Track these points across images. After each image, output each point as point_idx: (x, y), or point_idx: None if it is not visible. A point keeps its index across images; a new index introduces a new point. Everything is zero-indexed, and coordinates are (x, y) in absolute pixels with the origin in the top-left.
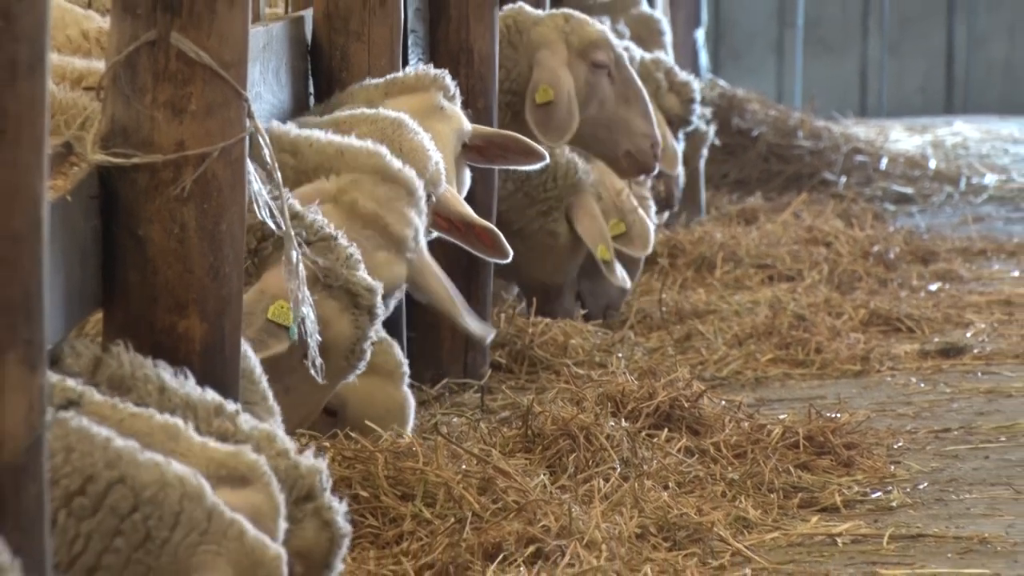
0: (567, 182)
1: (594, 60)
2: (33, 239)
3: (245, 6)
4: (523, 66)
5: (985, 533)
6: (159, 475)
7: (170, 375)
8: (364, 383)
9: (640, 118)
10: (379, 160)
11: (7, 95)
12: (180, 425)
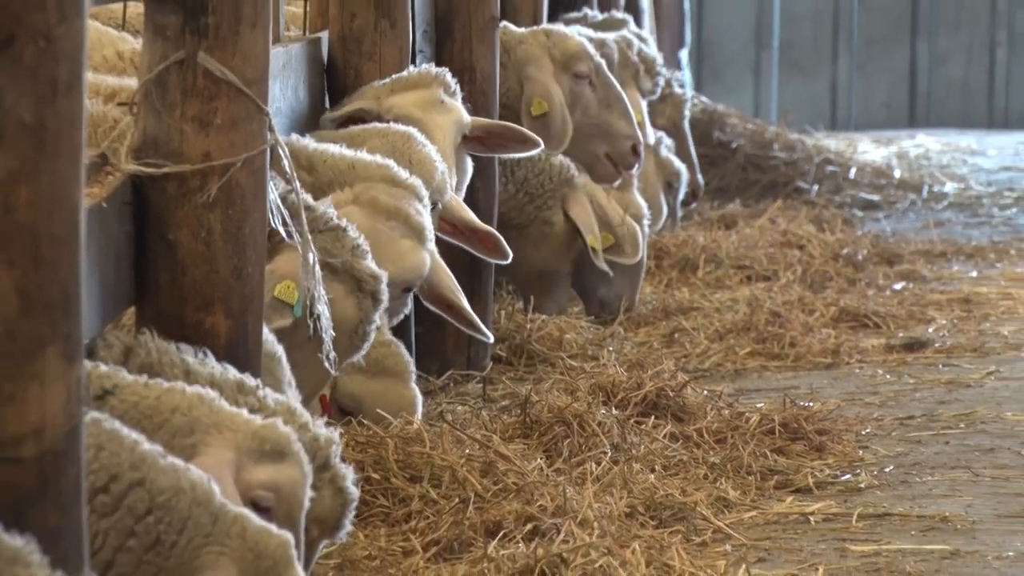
0: (562, 178)
1: (576, 71)
2: (72, 242)
3: (266, 28)
4: (512, 81)
5: (946, 512)
6: (175, 481)
7: (193, 357)
8: (376, 384)
9: (621, 120)
10: (387, 170)
11: (48, 111)
12: (214, 394)
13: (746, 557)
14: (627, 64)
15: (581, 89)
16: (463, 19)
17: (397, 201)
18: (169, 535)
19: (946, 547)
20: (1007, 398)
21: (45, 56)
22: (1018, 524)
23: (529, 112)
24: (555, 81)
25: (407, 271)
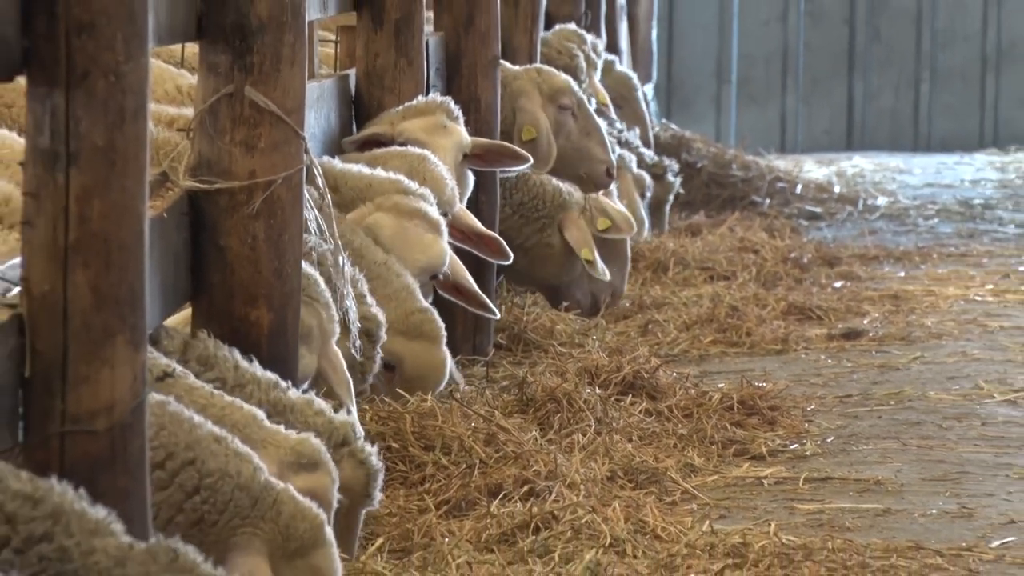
0: (555, 203)
1: (560, 103)
2: (137, 247)
3: (303, 66)
4: (507, 111)
5: (879, 476)
6: (223, 464)
7: (238, 357)
8: (414, 345)
9: (598, 147)
10: (399, 184)
11: (117, 135)
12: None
13: (709, 514)
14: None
15: (565, 119)
16: (469, 58)
17: (415, 203)
18: (212, 515)
19: (879, 506)
20: (930, 379)
21: (115, 89)
22: (939, 486)
23: (520, 137)
24: (542, 111)
25: (433, 258)
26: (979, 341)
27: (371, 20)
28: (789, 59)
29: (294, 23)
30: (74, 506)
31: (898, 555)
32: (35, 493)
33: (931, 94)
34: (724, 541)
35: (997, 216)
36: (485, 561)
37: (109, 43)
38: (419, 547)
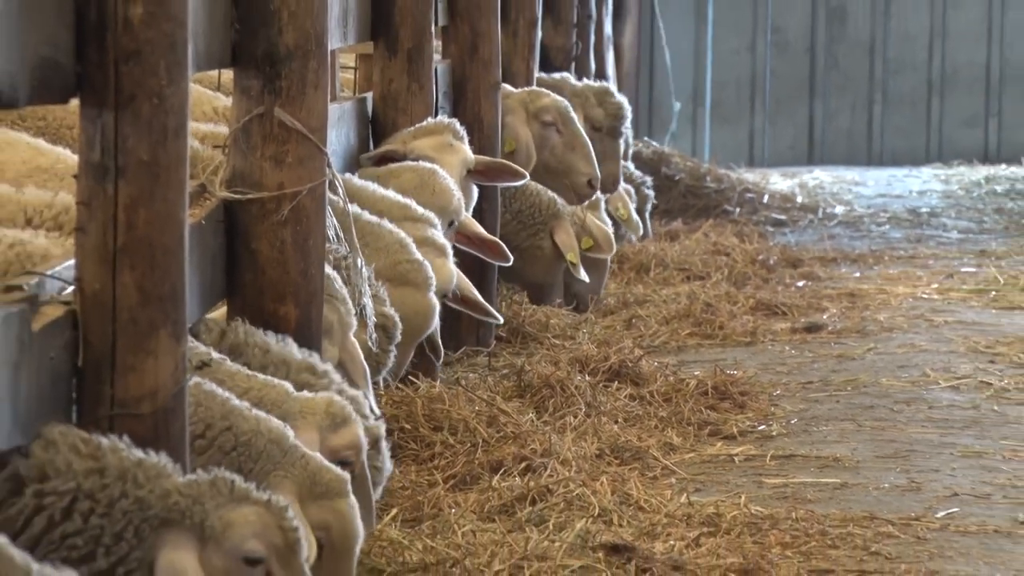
0: (549, 211)
1: (543, 120)
2: (178, 251)
3: (326, 90)
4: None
5: (837, 454)
6: (255, 426)
7: (273, 340)
8: (400, 291)
9: (581, 161)
10: (407, 209)
11: (160, 151)
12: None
13: (686, 488)
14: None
15: (548, 133)
16: (473, 83)
17: (423, 232)
18: (247, 464)
19: (837, 480)
20: (882, 368)
21: (158, 110)
22: (891, 463)
23: (502, 149)
24: (525, 127)
25: (443, 282)
26: (926, 334)
27: (386, 49)
28: (757, 84)
29: (317, 51)
30: (132, 459)
31: (854, 524)
32: (99, 464)
33: (883, 115)
34: (699, 511)
35: (941, 223)
36: (487, 529)
37: (153, 69)
38: (429, 517)
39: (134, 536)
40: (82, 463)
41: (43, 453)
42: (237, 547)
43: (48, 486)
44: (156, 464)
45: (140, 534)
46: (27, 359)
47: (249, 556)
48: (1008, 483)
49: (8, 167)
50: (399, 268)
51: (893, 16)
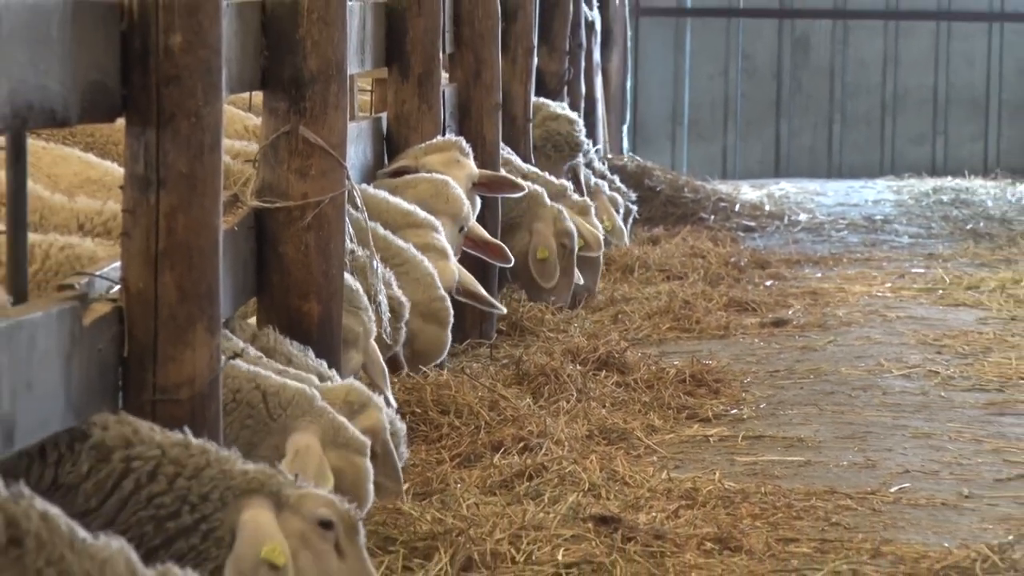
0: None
1: (562, 242)
2: (213, 254)
3: (345, 110)
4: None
5: (801, 435)
6: (281, 385)
7: (297, 349)
8: (428, 327)
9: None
10: (411, 216)
11: (197, 165)
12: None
13: (667, 465)
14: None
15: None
16: (477, 104)
17: (426, 238)
18: (277, 411)
19: (801, 458)
20: (841, 358)
21: (195, 128)
22: (849, 443)
23: (535, 255)
24: (552, 240)
25: (447, 282)
26: (880, 328)
27: (399, 74)
28: (729, 106)
29: (338, 76)
30: (211, 446)
31: (816, 498)
32: (184, 440)
33: (841, 133)
34: (678, 486)
35: (894, 229)
36: (489, 502)
37: (191, 92)
38: (437, 491)
39: (219, 499)
40: (166, 437)
41: (124, 427)
42: (313, 512)
43: (134, 451)
44: (202, 444)
45: (224, 499)
46: (78, 350)
47: (323, 520)
48: (954, 461)
49: (62, 179)
50: (433, 306)
51: (850, 45)
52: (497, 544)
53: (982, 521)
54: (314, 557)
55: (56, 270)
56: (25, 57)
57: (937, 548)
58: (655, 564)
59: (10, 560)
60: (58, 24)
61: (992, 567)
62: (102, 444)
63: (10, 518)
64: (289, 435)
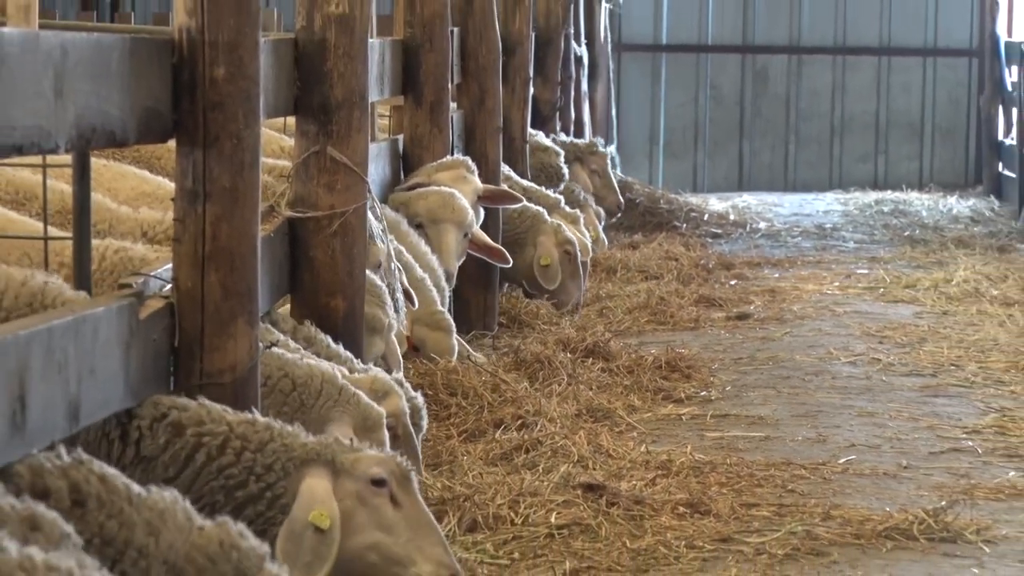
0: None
1: (566, 249)
2: (252, 257)
3: (367, 133)
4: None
5: (761, 414)
6: (308, 371)
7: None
8: (432, 333)
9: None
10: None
11: (239, 180)
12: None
13: (645, 440)
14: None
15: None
16: (481, 128)
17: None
18: (309, 400)
19: (762, 434)
20: (796, 347)
21: (237, 148)
22: (803, 421)
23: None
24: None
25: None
26: (830, 321)
27: (413, 101)
28: (699, 129)
29: (360, 103)
30: (275, 424)
31: (775, 468)
32: (250, 417)
33: (796, 153)
34: (655, 458)
35: (841, 236)
36: (491, 472)
37: (233, 116)
38: (446, 462)
39: (281, 469)
40: (235, 416)
41: (200, 408)
42: (365, 473)
43: (205, 428)
44: (291, 428)
45: (286, 469)
46: (135, 340)
47: (375, 478)
48: (894, 436)
49: (120, 192)
50: (434, 316)
51: (804, 76)
52: (498, 508)
53: (918, 488)
54: (370, 512)
55: (111, 270)
56: (89, 87)
57: (880, 512)
58: (635, 525)
59: (75, 518)
60: (118, 58)
61: (927, 528)
62: (178, 422)
63: (73, 483)
64: (326, 426)
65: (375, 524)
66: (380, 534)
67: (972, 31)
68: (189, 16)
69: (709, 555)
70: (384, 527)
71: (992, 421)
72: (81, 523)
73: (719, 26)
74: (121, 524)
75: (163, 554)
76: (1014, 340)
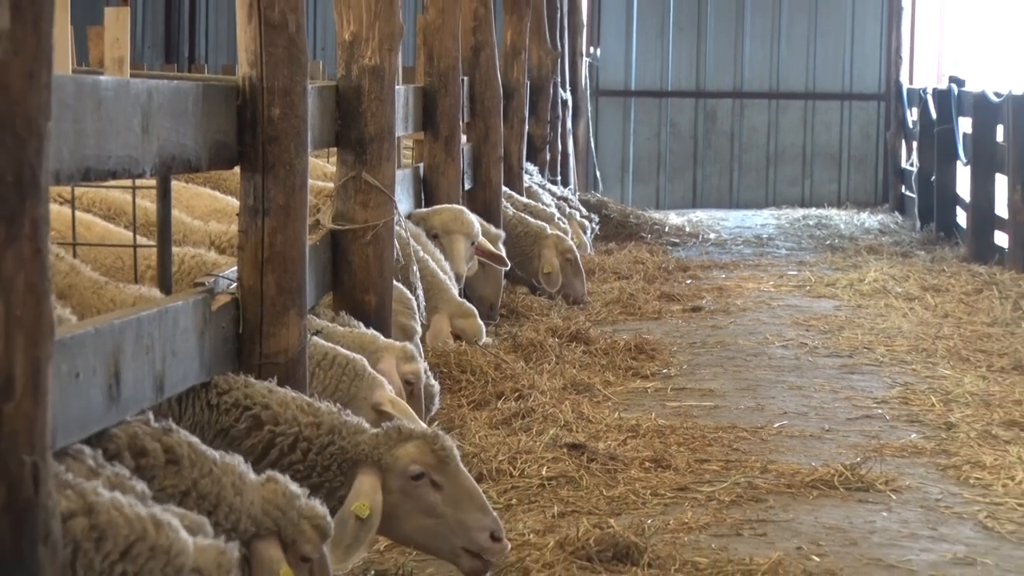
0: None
1: (566, 257)
2: (302, 261)
3: (394, 161)
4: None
5: (711, 387)
6: (347, 358)
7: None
8: (465, 321)
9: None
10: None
11: (291, 199)
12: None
13: (618, 408)
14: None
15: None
16: (486, 157)
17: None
18: (344, 381)
19: (712, 403)
20: (739, 334)
21: (289, 173)
22: (745, 393)
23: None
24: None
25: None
26: (766, 313)
27: (432, 136)
28: (661, 158)
29: (389, 137)
30: (339, 420)
31: (722, 431)
32: (317, 419)
33: (739, 177)
34: (626, 423)
35: (775, 244)
36: (494, 435)
37: (286, 148)
38: (457, 426)
39: (337, 468)
40: (305, 418)
41: (279, 408)
42: (404, 471)
43: (279, 429)
44: (354, 423)
45: (342, 468)
46: (208, 328)
47: (412, 474)
48: (818, 406)
49: (197, 208)
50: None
51: (745, 116)
52: (499, 463)
53: (838, 447)
54: (414, 502)
55: (188, 272)
56: (170, 124)
57: (807, 466)
58: (609, 477)
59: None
60: (193, 101)
61: (845, 480)
62: (258, 417)
63: (166, 445)
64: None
65: (420, 511)
66: (426, 519)
67: (880, 79)
68: (251, 67)
69: (669, 501)
70: (428, 512)
71: (897, 393)
72: (176, 478)
73: (677, 76)
74: (213, 482)
75: (247, 509)
76: (915, 328)
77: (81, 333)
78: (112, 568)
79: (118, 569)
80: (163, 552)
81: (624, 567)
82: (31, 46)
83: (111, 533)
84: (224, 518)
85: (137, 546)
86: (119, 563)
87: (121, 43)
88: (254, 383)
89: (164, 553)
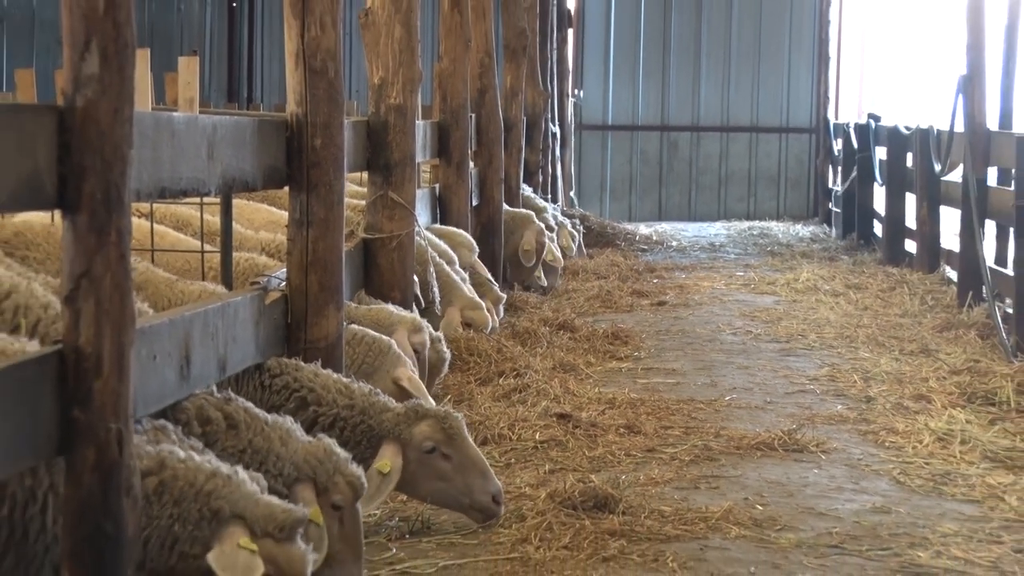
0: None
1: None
2: (339, 265)
3: (415, 182)
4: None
5: (674, 367)
6: (374, 338)
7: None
8: (474, 312)
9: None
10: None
11: (330, 213)
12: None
13: (598, 384)
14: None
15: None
16: (490, 179)
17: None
18: (370, 358)
19: (674, 380)
20: (697, 323)
21: (329, 192)
22: (702, 372)
23: (523, 247)
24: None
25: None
26: (719, 307)
27: (445, 161)
28: (632, 179)
29: (411, 162)
30: (371, 400)
31: (682, 403)
32: (351, 401)
33: (696, 196)
34: (604, 396)
35: (726, 250)
36: (496, 406)
37: (326, 171)
38: (465, 400)
39: (367, 442)
40: (343, 400)
41: (323, 391)
42: (419, 445)
43: (321, 409)
44: (382, 402)
45: (371, 442)
46: (262, 318)
47: (426, 448)
48: (762, 382)
49: (255, 221)
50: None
51: (702, 145)
52: (500, 429)
53: (778, 417)
54: (428, 470)
55: (243, 273)
56: (231, 152)
57: (752, 432)
58: (591, 441)
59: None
60: (250, 133)
61: (784, 443)
62: (304, 399)
63: (227, 413)
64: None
65: (434, 477)
66: (439, 483)
67: (812, 116)
68: (298, 105)
69: (640, 460)
70: (440, 477)
71: (826, 373)
72: (235, 439)
73: (645, 113)
74: (264, 439)
75: (291, 457)
76: (840, 319)
77: (158, 323)
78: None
79: (167, 512)
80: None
81: (603, 515)
82: (115, 87)
83: (170, 485)
84: (272, 466)
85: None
86: (170, 507)
87: (191, 86)
88: (303, 367)
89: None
